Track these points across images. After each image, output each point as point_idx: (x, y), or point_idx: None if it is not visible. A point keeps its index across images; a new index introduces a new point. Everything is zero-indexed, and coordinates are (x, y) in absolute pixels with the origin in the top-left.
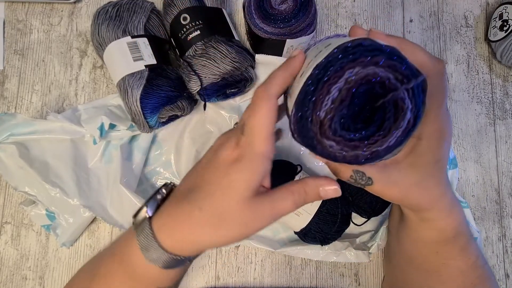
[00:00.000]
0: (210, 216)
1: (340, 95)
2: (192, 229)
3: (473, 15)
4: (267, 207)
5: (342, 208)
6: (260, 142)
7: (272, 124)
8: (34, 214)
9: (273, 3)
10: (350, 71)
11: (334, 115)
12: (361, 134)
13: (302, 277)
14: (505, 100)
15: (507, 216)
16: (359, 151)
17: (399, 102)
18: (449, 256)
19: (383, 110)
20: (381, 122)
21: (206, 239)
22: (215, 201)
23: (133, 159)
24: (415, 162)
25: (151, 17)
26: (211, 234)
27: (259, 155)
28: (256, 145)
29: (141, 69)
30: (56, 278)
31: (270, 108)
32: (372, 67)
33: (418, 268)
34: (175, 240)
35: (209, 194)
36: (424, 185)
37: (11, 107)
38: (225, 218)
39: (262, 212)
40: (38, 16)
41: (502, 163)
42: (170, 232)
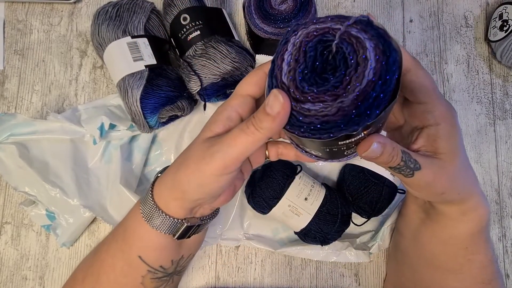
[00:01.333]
0: (182, 157)
1: (293, 55)
2: (171, 173)
3: (473, 15)
4: (217, 142)
5: (342, 208)
6: (233, 97)
7: (251, 85)
8: (34, 214)
9: (273, 3)
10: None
11: (295, 75)
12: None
13: (302, 277)
14: (505, 100)
15: (507, 216)
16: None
17: (354, 45)
18: (476, 250)
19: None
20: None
21: (178, 178)
22: (188, 146)
23: (133, 159)
24: (446, 148)
25: (151, 17)
26: (181, 171)
27: (226, 106)
28: (228, 100)
29: (141, 69)
30: (56, 278)
31: (256, 74)
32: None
33: (438, 268)
34: (162, 192)
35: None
36: (464, 172)
37: (11, 107)
38: (187, 155)
39: (212, 147)
40: (38, 16)
41: (502, 163)
42: (160, 186)
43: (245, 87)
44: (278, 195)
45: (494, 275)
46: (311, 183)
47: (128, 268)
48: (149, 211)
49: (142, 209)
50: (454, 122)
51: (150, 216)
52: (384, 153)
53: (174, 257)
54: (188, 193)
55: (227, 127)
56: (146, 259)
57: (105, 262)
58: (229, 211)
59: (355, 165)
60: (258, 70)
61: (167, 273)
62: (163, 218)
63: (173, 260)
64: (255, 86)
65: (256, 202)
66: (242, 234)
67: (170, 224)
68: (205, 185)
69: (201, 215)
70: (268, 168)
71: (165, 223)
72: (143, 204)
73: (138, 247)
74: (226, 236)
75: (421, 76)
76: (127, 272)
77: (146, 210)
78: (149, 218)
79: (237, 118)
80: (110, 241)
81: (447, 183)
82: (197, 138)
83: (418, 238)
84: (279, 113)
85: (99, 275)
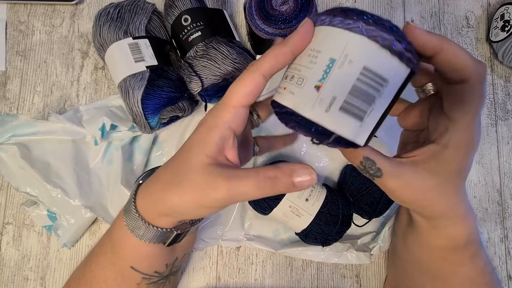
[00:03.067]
0: (172, 174)
1: None
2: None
3: (474, 15)
4: (222, 179)
5: (343, 209)
6: (225, 108)
7: (246, 96)
8: (36, 214)
9: (274, 4)
10: None
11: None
12: None
13: (303, 278)
14: (507, 100)
15: (509, 217)
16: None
17: None
18: (459, 263)
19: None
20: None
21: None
22: (178, 161)
23: (134, 160)
24: (436, 169)
25: (152, 18)
26: (172, 192)
27: (218, 121)
28: (220, 112)
29: (142, 70)
30: (57, 279)
31: (251, 81)
32: None
33: (426, 273)
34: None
35: (175, 157)
36: (441, 191)
37: (13, 108)
38: (183, 178)
39: (215, 182)
40: (40, 18)
41: (504, 164)
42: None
43: (239, 97)
44: (279, 195)
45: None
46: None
47: (122, 278)
48: (134, 223)
49: (126, 220)
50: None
51: (135, 228)
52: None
53: (168, 261)
54: (182, 214)
55: (221, 148)
56: (139, 268)
57: (96, 273)
58: (229, 212)
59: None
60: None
61: (163, 276)
62: (150, 229)
63: (168, 264)
64: (250, 96)
65: (257, 202)
66: (243, 235)
67: (158, 234)
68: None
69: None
70: None
71: (153, 233)
72: (126, 214)
73: (129, 258)
74: (227, 237)
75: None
76: (121, 281)
77: (130, 222)
78: (134, 230)
79: (230, 136)
80: (98, 253)
81: (410, 197)
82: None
83: (406, 239)
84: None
85: (91, 285)
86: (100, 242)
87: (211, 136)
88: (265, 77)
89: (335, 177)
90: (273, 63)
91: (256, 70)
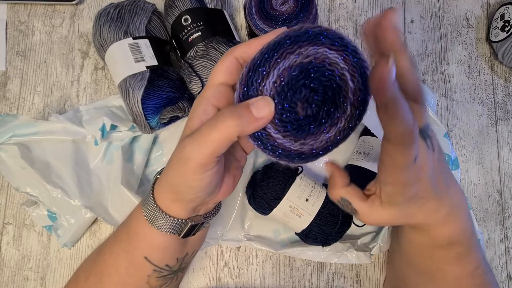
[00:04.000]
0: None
1: (276, 87)
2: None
3: (474, 15)
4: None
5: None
6: (205, 88)
7: (221, 73)
8: (36, 214)
9: (274, 4)
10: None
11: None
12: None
13: (303, 278)
14: (507, 100)
15: (509, 217)
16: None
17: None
18: (443, 261)
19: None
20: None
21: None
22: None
23: (134, 160)
24: (391, 201)
25: (152, 18)
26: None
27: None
28: (203, 91)
29: (142, 70)
30: (58, 279)
31: (225, 60)
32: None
33: (416, 269)
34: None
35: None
36: (407, 214)
37: (13, 108)
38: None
39: (182, 143)
40: (40, 18)
41: (504, 164)
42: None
43: (216, 75)
44: (279, 196)
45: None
46: (312, 184)
47: (133, 268)
48: (152, 213)
49: (145, 211)
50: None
51: (153, 218)
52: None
53: (179, 255)
54: (182, 194)
55: (204, 120)
56: (151, 259)
57: (108, 262)
58: (230, 212)
59: (357, 166)
60: (228, 55)
61: (172, 271)
62: (166, 219)
63: (178, 258)
64: (226, 73)
65: (257, 203)
66: (243, 235)
67: (174, 224)
68: (191, 186)
69: (205, 212)
70: (269, 169)
71: (169, 224)
72: (145, 206)
73: (143, 248)
74: (227, 237)
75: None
76: (132, 272)
77: (148, 212)
78: (152, 220)
79: (213, 110)
80: (112, 243)
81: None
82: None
83: (397, 235)
84: (263, 118)
85: (102, 275)
86: (114, 233)
87: (195, 112)
88: (237, 59)
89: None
90: (245, 49)
91: (230, 53)
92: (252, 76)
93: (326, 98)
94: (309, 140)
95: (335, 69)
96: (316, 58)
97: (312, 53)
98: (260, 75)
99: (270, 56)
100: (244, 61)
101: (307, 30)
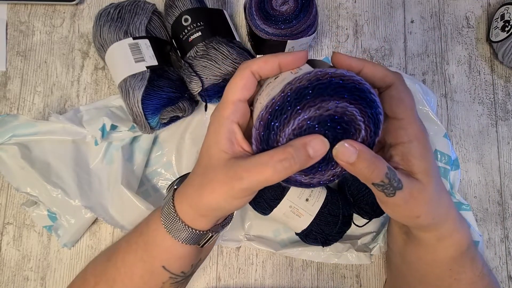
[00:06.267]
0: (201, 177)
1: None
2: (193, 193)
3: (475, 15)
4: (242, 170)
5: (343, 209)
6: (224, 105)
7: (240, 90)
8: (36, 215)
9: (274, 4)
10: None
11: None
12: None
13: (303, 278)
14: (507, 100)
15: (509, 218)
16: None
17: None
18: (461, 270)
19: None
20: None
21: (204, 199)
22: (203, 165)
23: (134, 160)
24: (428, 170)
25: (153, 18)
26: (205, 193)
27: (221, 119)
28: (221, 110)
29: (142, 70)
30: (58, 279)
31: (243, 77)
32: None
33: (429, 285)
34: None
35: (198, 163)
36: (440, 195)
37: (13, 108)
38: (210, 178)
39: (237, 174)
40: (41, 18)
41: (504, 164)
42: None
43: (235, 92)
44: (279, 196)
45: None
46: None
47: (150, 276)
48: (174, 225)
49: (165, 222)
50: (426, 143)
51: (175, 230)
52: (360, 161)
53: (194, 262)
54: (217, 210)
55: (232, 141)
56: (170, 268)
57: (121, 271)
58: None
59: None
60: (244, 71)
61: (186, 276)
62: (189, 232)
63: (193, 264)
64: (244, 89)
65: (257, 203)
66: (243, 235)
67: (197, 236)
68: (235, 203)
69: (223, 220)
70: None
71: (191, 236)
72: (165, 217)
73: (162, 258)
74: (227, 237)
75: (402, 92)
76: (147, 280)
77: (170, 224)
78: (174, 232)
79: (237, 129)
80: (126, 251)
81: (423, 206)
82: (210, 158)
83: (405, 257)
84: (317, 158)
85: (114, 282)
86: (127, 241)
87: (220, 133)
88: (253, 74)
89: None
90: (261, 65)
91: (246, 68)
92: (274, 121)
93: (337, 141)
94: (317, 175)
95: (351, 121)
96: (336, 112)
97: (332, 107)
98: (281, 122)
99: (292, 106)
100: (259, 77)
101: (330, 81)
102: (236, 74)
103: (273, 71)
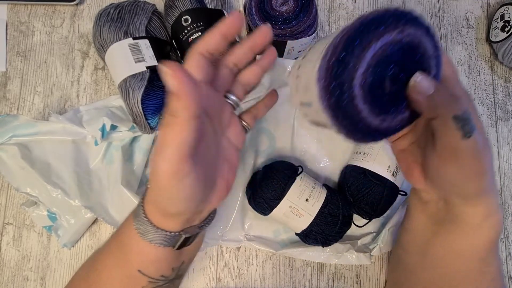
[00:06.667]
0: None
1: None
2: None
3: (474, 16)
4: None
5: (343, 210)
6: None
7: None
8: (36, 215)
9: (274, 4)
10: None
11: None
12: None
13: (303, 278)
14: (507, 101)
15: (509, 218)
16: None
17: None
18: (490, 261)
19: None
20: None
21: (156, 198)
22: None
23: (134, 160)
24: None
25: (153, 18)
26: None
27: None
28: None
29: (142, 71)
30: (57, 279)
31: (193, 60)
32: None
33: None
34: (153, 208)
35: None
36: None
37: (13, 109)
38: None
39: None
40: (41, 18)
41: (504, 165)
42: (149, 202)
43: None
44: (279, 196)
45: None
46: (312, 184)
47: (128, 280)
48: (143, 226)
49: (136, 224)
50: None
51: (144, 232)
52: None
53: (174, 265)
54: (169, 209)
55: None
56: (146, 272)
57: (102, 275)
58: (230, 212)
59: (357, 166)
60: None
61: (168, 280)
62: (159, 233)
63: (174, 268)
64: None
65: (257, 203)
66: (243, 235)
67: (167, 238)
68: (174, 197)
69: (200, 221)
70: (269, 169)
71: (161, 237)
72: (136, 219)
73: (137, 262)
74: (227, 237)
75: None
76: (127, 284)
77: (139, 225)
78: (144, 234)
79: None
80: (106, 254)
81: (489, 161)
82: None
83: (428, 254)
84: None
85: (97, 286)
86: (107, 244)
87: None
88: (203, 54)
89: (335, 177)
90: (205, 42)
91: (193, 51)
92: (354, 42)
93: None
94: (388, 118)
95: (425, 53)
96: (414, 39)
97: (412, 33)
98: (363, 42)
99: (376, 26)
100: (210, 55)
101: (410, 12)
102: (185, 61)
103: (219, 43)
